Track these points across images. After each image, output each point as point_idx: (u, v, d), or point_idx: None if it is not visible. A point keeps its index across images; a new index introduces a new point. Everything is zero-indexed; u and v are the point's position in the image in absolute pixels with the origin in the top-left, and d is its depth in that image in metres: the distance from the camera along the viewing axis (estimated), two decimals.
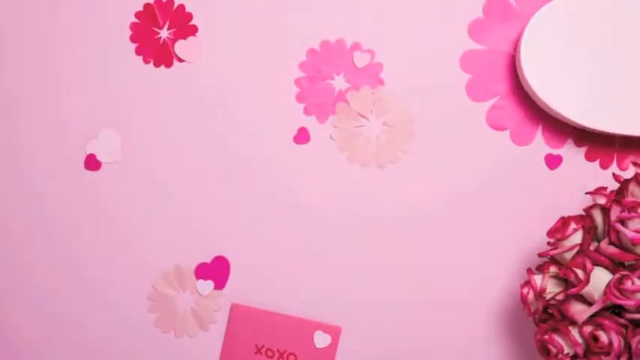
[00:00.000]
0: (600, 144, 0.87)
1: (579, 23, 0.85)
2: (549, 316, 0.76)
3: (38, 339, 0.89)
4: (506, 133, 0.88)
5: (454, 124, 0.88)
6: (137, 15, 0.88)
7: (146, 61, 0.88)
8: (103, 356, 0.89)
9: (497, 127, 0.88)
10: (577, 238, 0.78)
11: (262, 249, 0.87)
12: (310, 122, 0.88)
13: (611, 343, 0.71)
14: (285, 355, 0.87)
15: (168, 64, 0.88)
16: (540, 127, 0.88)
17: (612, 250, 0.75)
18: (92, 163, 0.89)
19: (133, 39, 0.88)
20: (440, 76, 0.88)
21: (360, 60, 0.88)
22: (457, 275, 0.87)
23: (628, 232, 0.74)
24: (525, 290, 0.75)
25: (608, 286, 0.74)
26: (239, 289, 0.88)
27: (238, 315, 0.88)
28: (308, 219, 0.87)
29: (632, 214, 0.75)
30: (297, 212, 0.87)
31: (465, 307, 0.87)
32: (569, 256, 0.77)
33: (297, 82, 0.88)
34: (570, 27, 0.84)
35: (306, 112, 0.88)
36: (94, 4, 0.88)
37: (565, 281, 0.77)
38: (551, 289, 0.72)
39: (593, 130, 0.84)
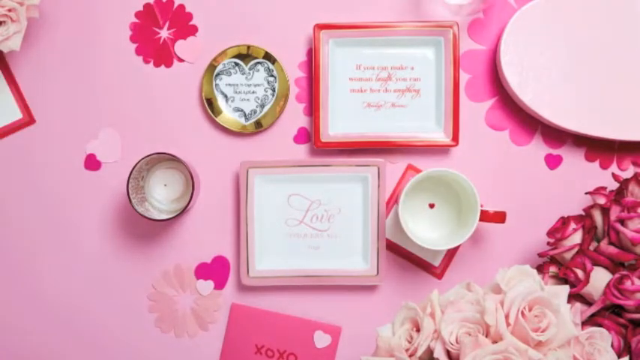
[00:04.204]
0: (600, 144, 0.87)
1: (560, 23, 0.85)
2: None
3: (38, 339, 0.89)
4: (506, 133, 0.88)
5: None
6: (137, 15, 0.88)
7: (146, 61, 0.88)
8: (103, 355, 0.89)
9: (497, 127, 0.88)
10: (577, 238, 0.78)
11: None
12: (310, 122, 0.88)
13: None
14: (285, 355, 0.87)
15: (169, 64, 0.88)
16: (540, 127, 0.88)
17: (612, 250, 0.75)
18: (92, 163, 0.88)
19: (133, 39, 0.88)
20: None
21: None
22: (456, 274, 0.87)
23: (628, 232, 0.74)
24: None
25: (608, 286, 0.74)
26: (239, 286, 0.88)
27: (238, 315, 0.88)
28: None
29: (632, 214, 0.75)
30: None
31: None
32: (569, 256, 0.77)
33: (297, 82, 0.88)
34: (551, 27, 0.85)
35: (306, 112, 0.88)
36: (95, 4, 0.88)
37: (565, 281, 0.78)
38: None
39: (564, 128, 0.85)
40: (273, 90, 0.87)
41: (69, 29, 0.88)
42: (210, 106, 0.87)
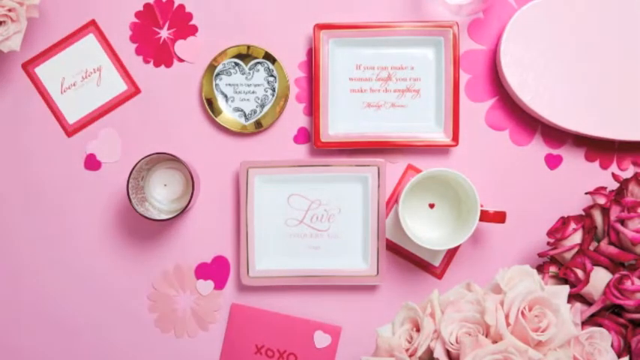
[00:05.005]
0: (600, 144, 0.87)
1: (560, 23, 0.85)
2: None
3: (38, 338, 0.89)
4: (506, 133, 0.88)
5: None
6: (137, 15, 0.88)
7: (146, 61, 0.88)
8: (103, 356, 0.89)
9: (497, 127, 0.88)
10: (577, 238, 0.78)
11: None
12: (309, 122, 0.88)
13: None
14: (285, 355, 0.87)
15: (169, 64, 0.88)
16: (540, 127, 0.88)
17: (612, 250, 0.75)
18: (92, 163, 0.89)
19: (133, 39, 0.88)
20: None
21: None
22: (456, 274, 0.87)
23: (628, 232, 0.74)
24: None
25: (608, 286, 0.74)
26: (239, 286, 0.88)
27: (238, 315, 0.88)
28: None
29: (632, 213, 0.75)
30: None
31: None
32: (569, 256, 0.77)
33: (297, 82, 0.88)
34: (551, 27, 0.85)
35: (306, 112, 0.88)
36: (95, 4, 0.88)
37: (565, 281, 0.78)
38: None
39: (564, 128, 0.85)
40: (273, 90, 0.87)
41: (69, 29, 0.88)
42: (210, 106, 0.87)
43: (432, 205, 0.86)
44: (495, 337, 0.62)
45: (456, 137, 0.86)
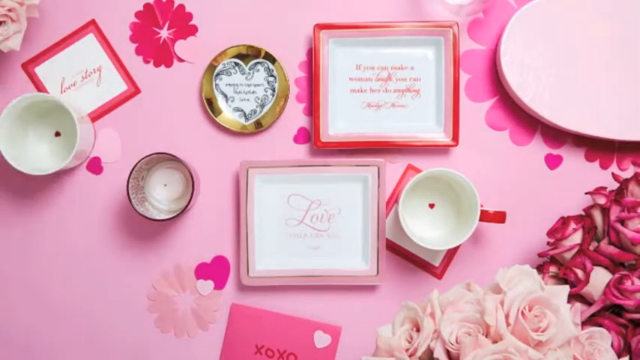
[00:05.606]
0: (600, 144, 0.87)
1: (560, 23, 0.85)
2: None
3: (38, 338, 0.89)
4: (506, 133, 0.88)
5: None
6: (137, 15, 0.88)
7: (146, 61, 0.88)
8: (103, 356, 0.89)
9: (497, 127, 0.88)
10: (577, 238, 0.78)
11: None
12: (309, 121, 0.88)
13: None
14: (285, 355, 0.87)
15: (169, 64, 0.88)
16: (540, 127, 0.88)
17: (612, 250, 0.75)
18: (94, 164, 0.88)
19: (133, 39, 0.88)
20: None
21: None
22: (456, 274, 0.87)
23: (628, 232, 0.74)
24: None
25: (608, 286, 0.74)
26: (239, 286, 0.88)
27: (238, 315, 0.88)
28: None
29: (632, 214, 0.75)
30: None
31: None
32: (569, 256, 0.77)
33: (297, 82, 0.88)
34: (551, 27, 0.85)
35: (306, 112, 0.88)
36: (95, 4, 0.88)
37: (565, 281, 0.78)
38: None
39: (564, 128, 0.85)
40: (273, 90, 0.87)
41: (69, 29, 0.88)
42: (210, 106, 0.87)
43: (432, 205, 0.86)
44: (495, 337, 0.62)
45: (456, 137, 0.86)
